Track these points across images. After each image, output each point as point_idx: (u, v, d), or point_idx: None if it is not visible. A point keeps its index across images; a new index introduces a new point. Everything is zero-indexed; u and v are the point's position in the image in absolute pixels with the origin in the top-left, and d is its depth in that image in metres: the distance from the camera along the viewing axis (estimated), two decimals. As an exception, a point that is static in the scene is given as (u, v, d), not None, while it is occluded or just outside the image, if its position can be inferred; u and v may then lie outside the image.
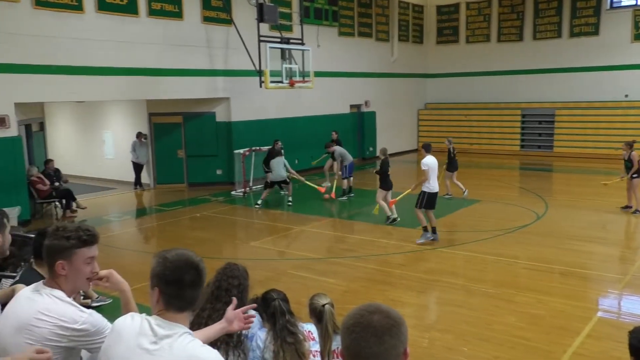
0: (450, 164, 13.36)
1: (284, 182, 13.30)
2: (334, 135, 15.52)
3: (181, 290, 2.10)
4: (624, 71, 20.20)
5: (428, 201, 9.61)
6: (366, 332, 1.56)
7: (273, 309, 3.42)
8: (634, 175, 11.40)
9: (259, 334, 3.48)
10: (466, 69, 23.67)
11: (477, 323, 6.33)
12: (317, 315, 3.76)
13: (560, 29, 21.46)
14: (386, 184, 11.27)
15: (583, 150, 20.61)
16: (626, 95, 20.38)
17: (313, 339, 3.56)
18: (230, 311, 2.64)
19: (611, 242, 9.69)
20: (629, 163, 11.55)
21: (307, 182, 13.92)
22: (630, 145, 11.69)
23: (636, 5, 20.09)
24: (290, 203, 13.39)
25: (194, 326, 2.76)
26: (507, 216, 11.60)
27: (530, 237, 9.94)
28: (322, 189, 13.72)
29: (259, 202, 13.30)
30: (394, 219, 11.12)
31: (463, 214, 12.02)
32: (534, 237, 9.99)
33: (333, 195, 13.69)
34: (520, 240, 9.75)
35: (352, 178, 14.21)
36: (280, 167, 13.12)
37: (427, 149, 9.92)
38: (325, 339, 3.65)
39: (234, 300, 2.70)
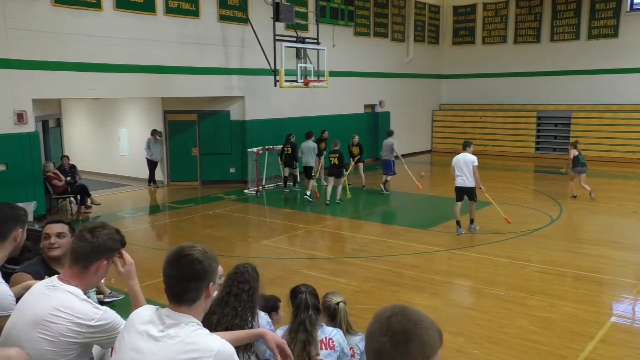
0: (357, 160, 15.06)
1: (309, 171, 13.91)
2: (292, 138, 15.02)
3: (166, 280, 2.17)
4: (643, 74, 19.94)
5: (456, 194, 10.40)
6: (388, 332, 1.53)
7: (299, 301, 3.42)
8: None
9: (278, 333, 3.48)
10: (482, 70, 23.49)
11: (489, 326, 6.29)
12: (331, 313, 3.73)
13: (578, 31, 21.20)
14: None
15: (599, 153, 20.33)
16: (645, 99, 20.11)
17: (332, 348, 3.45)
18: (278, 337, 2.70)
19: (626, 247, 9.56)
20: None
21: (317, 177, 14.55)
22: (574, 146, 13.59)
23: (656, 7, 19.82)
24: (307, 198, 13.66)
25: None
26: (520, 219, 11.50)
27: (543, 240, 9.86)
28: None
29: (307, 192, 13.73)
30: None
31: (476, 215, 11.92)
32: (548, 240, 9.90)
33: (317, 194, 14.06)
34: (533, 243, 9.67)
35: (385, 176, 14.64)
36: (309, 153, 13.83)
37: (463, 146, 10.51)
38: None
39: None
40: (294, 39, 14.65)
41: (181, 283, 2.14)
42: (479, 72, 23.58)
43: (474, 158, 10.17)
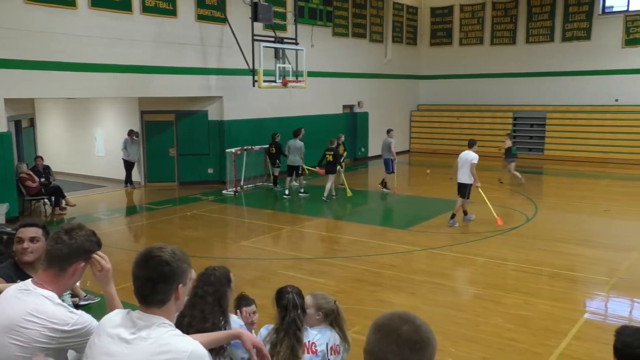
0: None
1: (296, 170, 14.26)
2: (277, 138, 15.26)
3: (135, 281, 2.14)
4: (615, 76, 20.36)
5: (458, 190, 10.94)
6: (407, 342, 1.56)
7: (286, 301, 3.37)
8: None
9: (262, 332, 3.47)
10: (459, 71, 23.75)
11: (466, 324, 6.36)
12: (332, 313, 3.65)
13: (552, 33, 21.59)
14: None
15: (573, 153, 20.76)
16: (616, 100, 20.55)
17: (315, 353, 3.40)
18: (255, 338, 2.67)
19: (598, 245, 9.76)
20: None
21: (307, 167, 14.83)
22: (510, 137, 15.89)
23: (627, 11, 20.27)
24: (302, 192, 14.22)
25: None
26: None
27: (519, 239, 10.01)
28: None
29: (286, 192, 14.26)
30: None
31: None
32: (523, 239, 10.05)
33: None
34: (509, 242, 9.81)
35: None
36: (296, 152, 14.10)
37: (468, 144, 11.03)
38: (342, 337, 3.61)
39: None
40: (273, 39, 14.62)
41: (149, 285, 2.10)
42: (456, 73, 23.83)
43: (474, 156, 10.69)
